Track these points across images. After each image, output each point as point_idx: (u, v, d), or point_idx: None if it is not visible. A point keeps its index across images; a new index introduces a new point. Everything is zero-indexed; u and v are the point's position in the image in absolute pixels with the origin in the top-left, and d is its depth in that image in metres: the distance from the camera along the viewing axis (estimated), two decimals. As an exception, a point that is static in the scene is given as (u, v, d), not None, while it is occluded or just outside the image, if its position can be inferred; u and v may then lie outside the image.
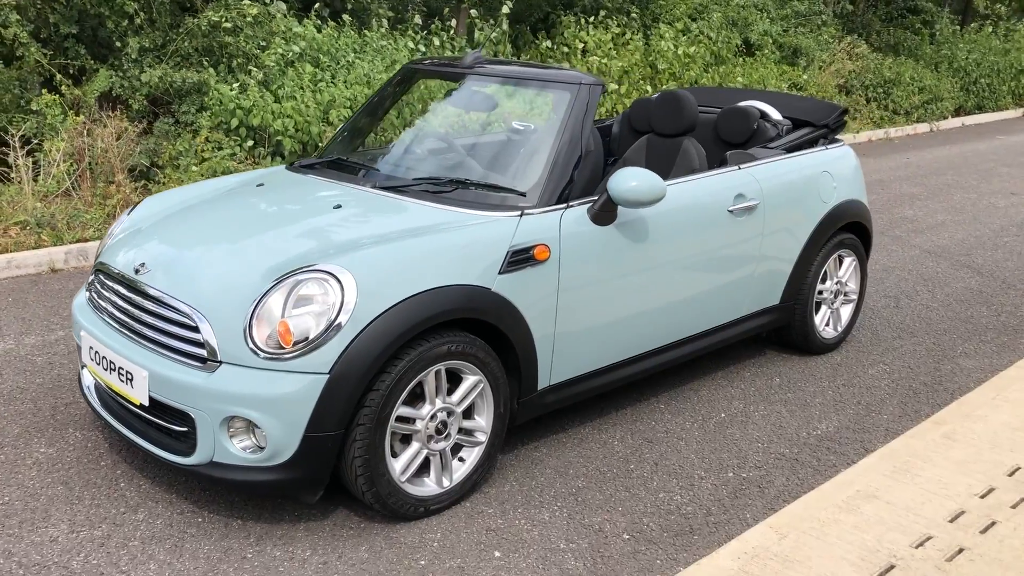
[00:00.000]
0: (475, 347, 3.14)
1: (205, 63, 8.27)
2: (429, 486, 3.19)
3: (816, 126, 4.84)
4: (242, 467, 2.90)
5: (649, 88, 10.86)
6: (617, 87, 10.53)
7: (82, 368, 3.52)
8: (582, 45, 11.01)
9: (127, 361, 3.07)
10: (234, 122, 7.92)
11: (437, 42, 10.11)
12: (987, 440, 3.90)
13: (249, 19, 8.55)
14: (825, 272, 4.74)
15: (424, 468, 3.19)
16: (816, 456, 3.76)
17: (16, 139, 6.84)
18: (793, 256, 4.47)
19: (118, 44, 8.35)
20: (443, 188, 3.52)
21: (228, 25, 8.51)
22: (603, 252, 3.53)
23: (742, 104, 4.88)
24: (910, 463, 3.68)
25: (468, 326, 3.20)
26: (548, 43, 11.14)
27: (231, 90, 8.04)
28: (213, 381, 2.86)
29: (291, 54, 8.59)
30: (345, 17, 9.80)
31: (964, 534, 3.20)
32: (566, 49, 11.06)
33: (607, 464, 3.61)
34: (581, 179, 3.70)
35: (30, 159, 6.93)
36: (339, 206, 3.43)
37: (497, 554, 3.00)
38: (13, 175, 6.86)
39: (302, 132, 7.97)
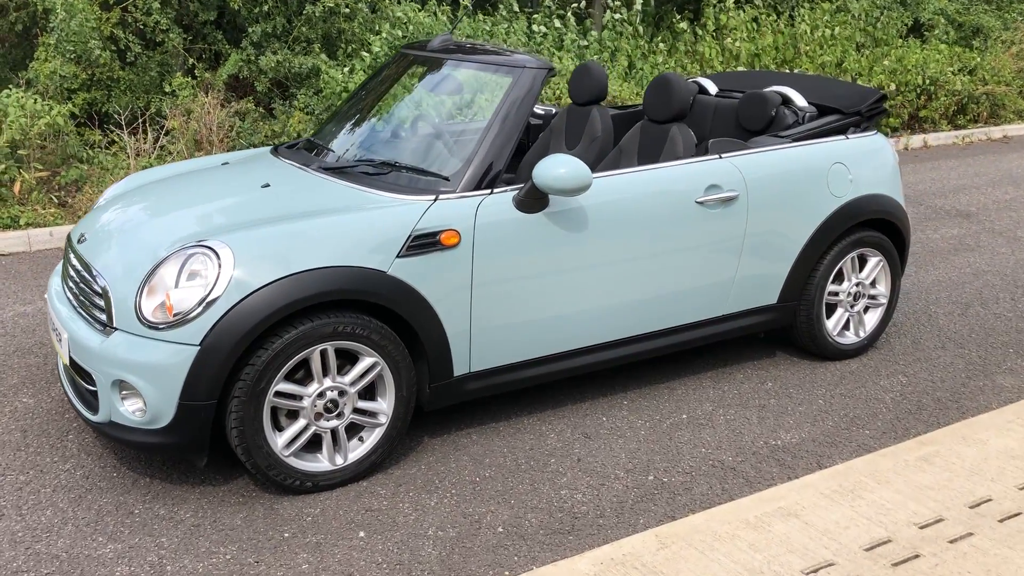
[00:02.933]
0: (368, 329, 3.17)
1: (317, 49, 8.66)
2: (321, 462, 3.26)
3: (845, 113, 4.47)
4: (133, 428, 3.09)
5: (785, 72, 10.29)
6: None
7: None
8: (714, 27, 10.61)
9: (59, 323, 3.34)
10: (339, 104, 8.26)
11: (559, 23, 10.07)
12: (970, 467, 3.50)
13: (362, 4, 8.88)
14: (841, 272, 4.39)
15: (318, 444, 3.27)
16: (758, 468, 3.52)
17: (127, 117, 7.47)
18: (791, 252, 4.17)
19: (250, 30, 8.90)
20: (378, 170, 3.56)
21: (346, 11, 8.89)
22: (530, 241, 3.45)
23: (765, 90, 4.58)
24: (861, 484, 3.37)
25: (370, 308, 3.23)
26: (684, 25, 10.82)
27: (340, 74, 8.39)
28: (105, 346, 3.06)
29: (396, 39, 8.84)
30: (464, 1, 9.95)
31: (872, 564, 2.91)
32: (699, 31, 10.70)
33: (528, 456, 3.54)
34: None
35: (144, 135, 7.55)
36: (267, 185, 3.55)
37: (361, 534, 3.03)
38: (129, 149, 7.50)
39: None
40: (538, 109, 5.07)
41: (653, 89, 4.27)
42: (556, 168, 3.37)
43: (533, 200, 3.44)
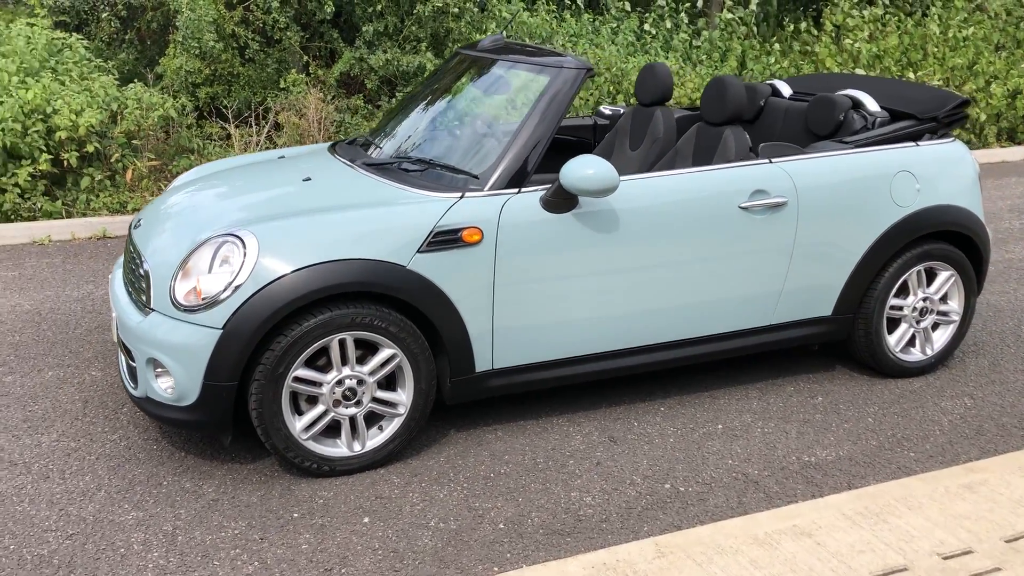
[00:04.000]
0: (387, 321, 3.25)
1: (424, 47, 8.86)
2: (339, 448, 3.36)
3: (919, 119, 4.25)
4: (164, 405, 3.27)
5: (910, 75, 9.83)
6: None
7: None
8: (833, 27, 10.24)
9: (113, 303, 3.57)
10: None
11: (669, 24, 9.95)
12: (1018, 498, 3.29)
13: (471, 3, 9.02)
14: (906, 285, 4.18)
15: (337, 430, 3.37)
16: (782, 483, 3.40)
17: (237, 111, 7.85)
18: (848, 263, 4.00)
19: (363, 29, 9.19)
20: (415, 167, 3.64)
21: (455, 10, 9.06)
22: (556, 242, 3.45)
23: (836, 93, 4.41)
24: (890, 507, 3.22)
25: (390, 301, 3.31)
26: (803, 24, 10.49)
27: (443, 72, 8.56)
28: (143, 325, 3.26)
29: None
30: (578, 1, 9.95)
31: (878, 593, 2.79)
32: (815, 32, 10.35)
33: (548, 456, 3.54)
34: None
35: (256, 128, 7.92)
36: (308, 179, 3.68)
37: (366, 520, 3.11)
38: (235, 141, 7.89)
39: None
40: (606, 110, 5.04)
41: (709, 90, 4.18)
42: (584, 168, 3.36)
43: (561, 200, 3.44)
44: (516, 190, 3.45)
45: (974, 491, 3.33)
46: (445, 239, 3.30)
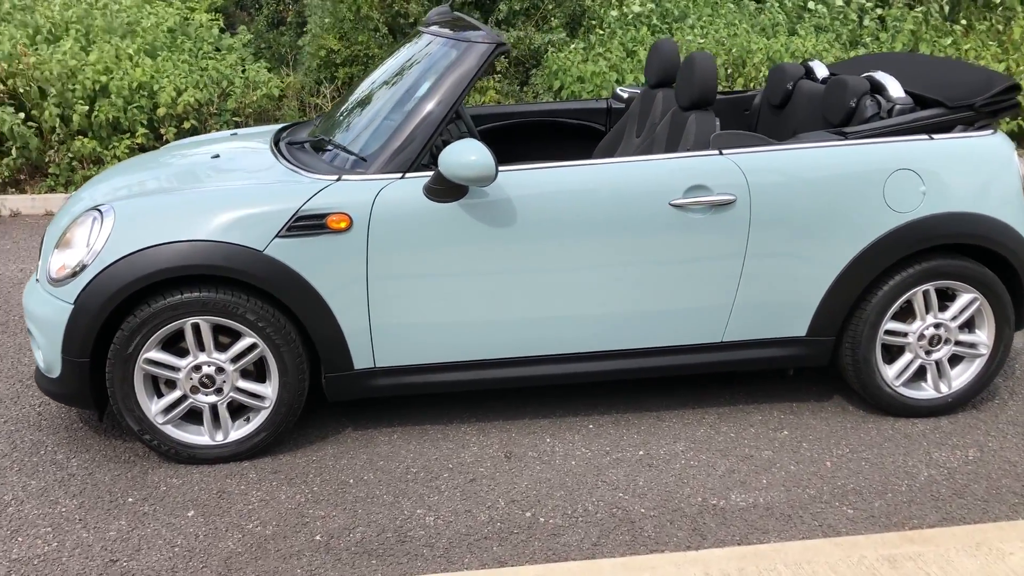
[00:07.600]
0: (244, 308, 3.10)
1: (554, 23, 8.58)
2: (202, 436, 3.26)
3: (948, 107, 3.50)
4: (42, 376, 3.31)
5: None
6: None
7: None
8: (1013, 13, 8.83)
9: (34, 276, 3.67)
10: (556, 84, 8.13)
11: (813, 4, 9.01)
12: (948, 583, 2.63)
13: (606, -20, 8.64)
14: (911, 307, 3.47)
15: (200, 417, 3.26)
16: (662, 528, 2.91)
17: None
18: (824, 276, 3.37)
19: (498, 7, 9.06)
20: (327, 148, 3.46)
21: (592, -13, 8.72)
22: (440, 234, 3.14)
23: (856, 76, 3.73)
24: (770, 573, 2.66)
25: (251, 287, 3.14)
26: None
27: (567, 54, 8.25)
28: (26, 295, 3.31)
29: (630, 16, 8.47)
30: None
31: (677, 677, 2.30)
32: (987, 14, 8.99)
33: (425, 467, 3.25)
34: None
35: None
36: (217, 156, 3.59)
37: (190, 513, 2.99)
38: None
39: (598, 91, 7.87)
40: (623, 92, 4.58)
41: (680, 71, 3.66)
42: (466, 154, 3.03)
43: (443, 188, 3.12)
44: (399, 175, 3.17)
45: (896, 566, 2.69)
46: (308, 224, 3.09)
